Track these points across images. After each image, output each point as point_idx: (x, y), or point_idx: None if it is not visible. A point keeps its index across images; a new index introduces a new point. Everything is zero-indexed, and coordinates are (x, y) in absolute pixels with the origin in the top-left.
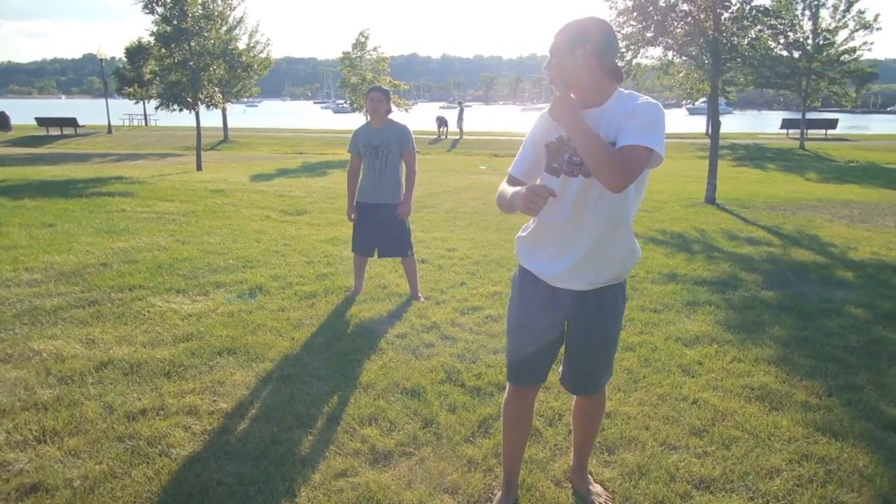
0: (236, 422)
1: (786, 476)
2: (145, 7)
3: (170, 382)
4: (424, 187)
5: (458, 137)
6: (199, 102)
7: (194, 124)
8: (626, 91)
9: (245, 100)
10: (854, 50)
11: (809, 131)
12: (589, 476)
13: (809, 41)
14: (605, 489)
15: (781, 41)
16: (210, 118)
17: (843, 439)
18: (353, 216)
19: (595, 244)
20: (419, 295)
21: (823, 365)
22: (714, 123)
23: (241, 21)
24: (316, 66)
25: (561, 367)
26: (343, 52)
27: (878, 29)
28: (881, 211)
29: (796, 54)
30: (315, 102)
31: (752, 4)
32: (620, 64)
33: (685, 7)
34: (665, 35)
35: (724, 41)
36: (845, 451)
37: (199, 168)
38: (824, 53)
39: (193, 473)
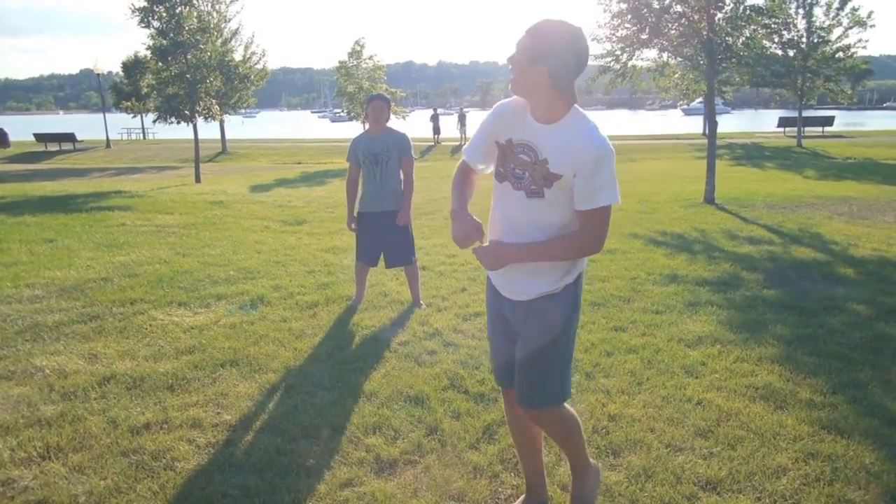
0: (240, 434)
1: (792, 475)
2: (141, 21)
3: (173, 396)
4: (423, 194)
5: (460, 143)
6: (197, 115)
7: (192, 137)
8: (580, 111)
9: (242, 111)
10: (849, 47)
11: (806, 129)
12: None
13: (804, 39)
14: None
15: (776, 40)
16: (208, 130)
17: (849, 437)
18: (353, 226)
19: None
20: (421, 302)
21: (827, 362)
22: (711, 123)
23: (236, 33)
24: (312, 75)
25: None
26: (339, 62)
27: (871, 26)
28: (880, 207)
29: (791, 53)
30: (312, 112)
31: (746, 4)
32: (616, 66)
33: (679, 8)
34: (660, 37)
35: (719, 41)
36: (851, 448)
37: (197, 180)
38: (819, 51)
39: (198, 486)
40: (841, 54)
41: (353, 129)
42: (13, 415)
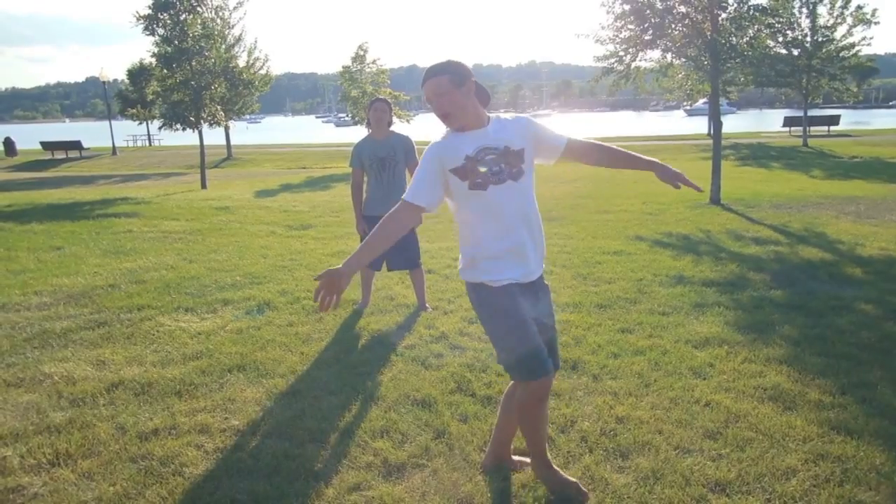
0: (248, 438)
1: (802, 476)
2: (146, 29)
3: (181, 401)
4: None
5: None
6: (202, 121)
7: (198, 143)
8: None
9: (247, 116)
10: (853, 45)
11: (812, 128)
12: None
13: (808, 38)
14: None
15: (780, 39)
16: (213, 136)
17: (859, 437)
18: (364, 228)
19: (536, 232)
20: (426, 305)
21: (835, 363)
22: (716, 124)
23: (240, 39)
24: (316, 80)
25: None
26: (343, 66)
27: (876, 23)
28: (888, 206)
29: (796, 52)
30: (317, 117)
31: (750, 4)
32: (620, 67)
33: (682, 9)
34: (663, 37)
35: (723, 41)
36: (861, 449)
37: (203, 186)
38: (823, 50)
39: (207, 492)
40: (845, 53)
41: (357, 134)
42: (22, 422)
